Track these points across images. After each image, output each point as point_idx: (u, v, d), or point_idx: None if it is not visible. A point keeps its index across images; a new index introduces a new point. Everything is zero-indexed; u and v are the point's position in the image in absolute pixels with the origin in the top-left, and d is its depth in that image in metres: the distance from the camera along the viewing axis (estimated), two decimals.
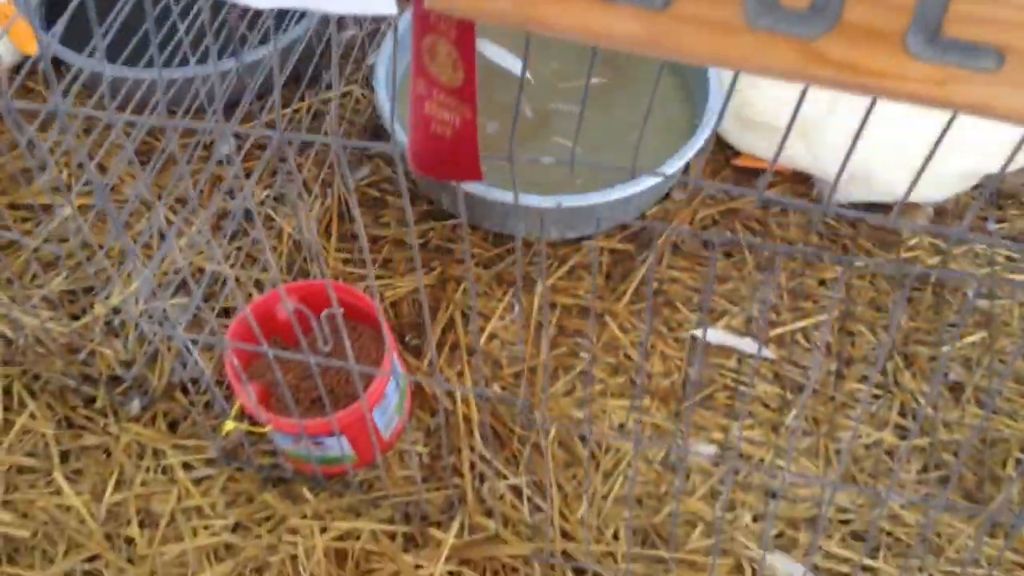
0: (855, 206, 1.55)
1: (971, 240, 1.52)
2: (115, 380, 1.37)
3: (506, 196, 1.38)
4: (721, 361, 1.42)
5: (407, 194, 0.82)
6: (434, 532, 1.27)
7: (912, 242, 1.52)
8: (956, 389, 1.41)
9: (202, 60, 1.55)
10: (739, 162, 1.59)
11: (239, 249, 1.46)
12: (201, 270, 1.42)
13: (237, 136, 1.51)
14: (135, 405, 1.35)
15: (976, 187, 1.56)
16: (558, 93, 1.60)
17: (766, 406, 1.39)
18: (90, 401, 1.37)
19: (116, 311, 1.36)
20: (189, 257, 1.41)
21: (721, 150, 1.61)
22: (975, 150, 1.46)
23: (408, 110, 0.74)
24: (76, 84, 1.47)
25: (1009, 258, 1.53)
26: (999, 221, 1.57)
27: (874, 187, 1.49)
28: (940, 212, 1.55)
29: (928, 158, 0.70)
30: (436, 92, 0.69)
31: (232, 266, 1.43)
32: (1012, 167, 1.49)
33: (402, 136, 1.45)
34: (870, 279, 1.49)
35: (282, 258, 1.47)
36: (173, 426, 1.36)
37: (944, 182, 1.49)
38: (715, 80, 1.53)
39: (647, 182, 1.40)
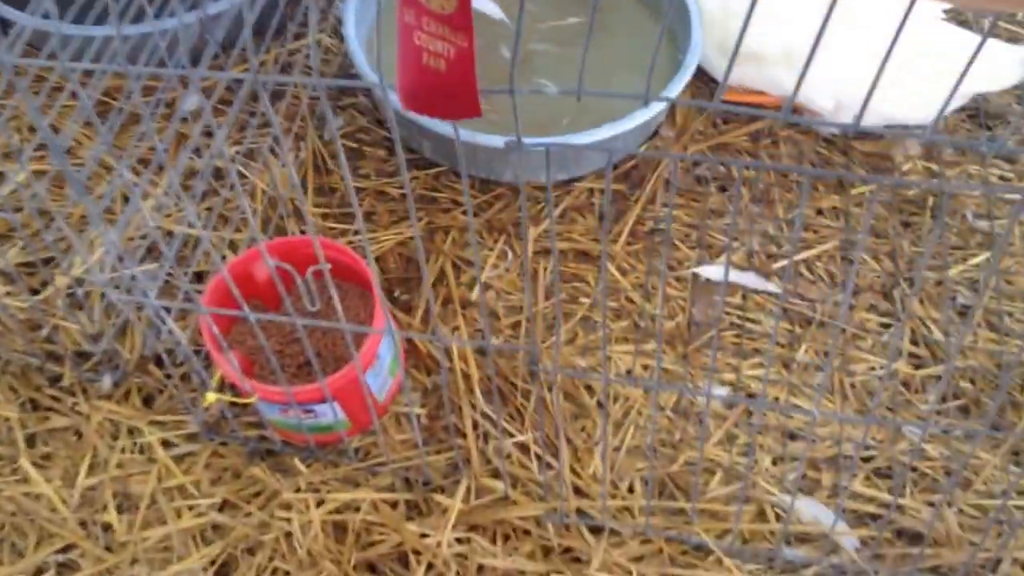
0: (845, 136, 1.34)
1: (964, 147, 1.31)
2: (82, 356, 1.12)
3: (493, 140, 1.15)
4: (725, 298, 1.20)
5: (398, 134, 0.60)
6: (439, 498, 1.05)
7: (906, 167, 1.31)
8: (965, 313, 1.20)
9: (158, 15, 1.30)
10: (725, 96, 1.36)
11: (209, 210, 1.21)
12: (170, 233, 1.18)
13: (204, 91, 1.26)
14: (106, 381, 1.10)
15: (962, 109, 1.36)
16: (536, 34, 1.37)
17: (776, 343, 1.17)
18: (56, 380, 1.12)
19: (79, 282, 1.11)
20: (157, 220, 1.16)
21: (705, 85, 1.39)
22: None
23: (394, 45, 0.58)
24: (19, 44, 1.21)
25: (1002, 178, 1.33)
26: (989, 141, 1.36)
27: (866, 113, 1.27)
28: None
29: (959, 81, 0.58)
30: (426, 20, 0.55)
31: (203, 228, 1.18)
32: (998, 86, 1.29)
33: (375, 77, 1.21)
34: (866, 204, 1.28)
35: (257, 217, 1.23)
36: (148, 401, 1.11)
37: (933, 103, 1.28)
38: (697, 18, 1.30)
39: (644, 115, 1.17)
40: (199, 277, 1.17)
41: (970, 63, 0.56)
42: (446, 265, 1.20)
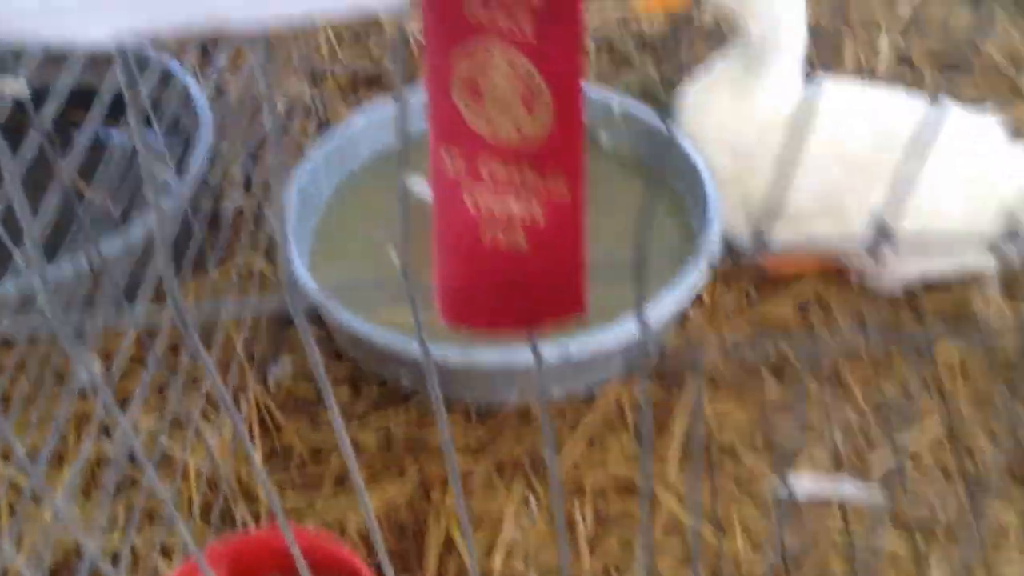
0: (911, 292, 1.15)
1: None
2: None
3: (498, 357, 0.94)
4: (820, 517, 0.96)
5: (435, 377, 0.39)
6: None
7: (989, 312, 1.12)
8: None
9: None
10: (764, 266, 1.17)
11: (128, 508, 0.96)
12: (79, 549, 0.91)
13: (103, 354, 1.04)
14: None
15: None
16: None
17: (898, 564, 0.94)
18: None
19: None
20: (55, 534, 0.90)
21: (733, 258, 1.20)
22: None
23: (435, 224, 0.35)
24: None
25: None
26: None
27: (929, 255, 1.10)
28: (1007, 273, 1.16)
29: None
30: (488, 164, 0.31)
31: (122, 532, 0.92)
32: None
33: (308, 276, 1.00)
34: (960, 370, 1.07)
35: (193, 507, 0.97)
36: None
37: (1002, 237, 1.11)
38: (709, 179, 1.12)
39: (675, 298, 0.98)
40: None
41: None
42: (451, 527, 0.96)
